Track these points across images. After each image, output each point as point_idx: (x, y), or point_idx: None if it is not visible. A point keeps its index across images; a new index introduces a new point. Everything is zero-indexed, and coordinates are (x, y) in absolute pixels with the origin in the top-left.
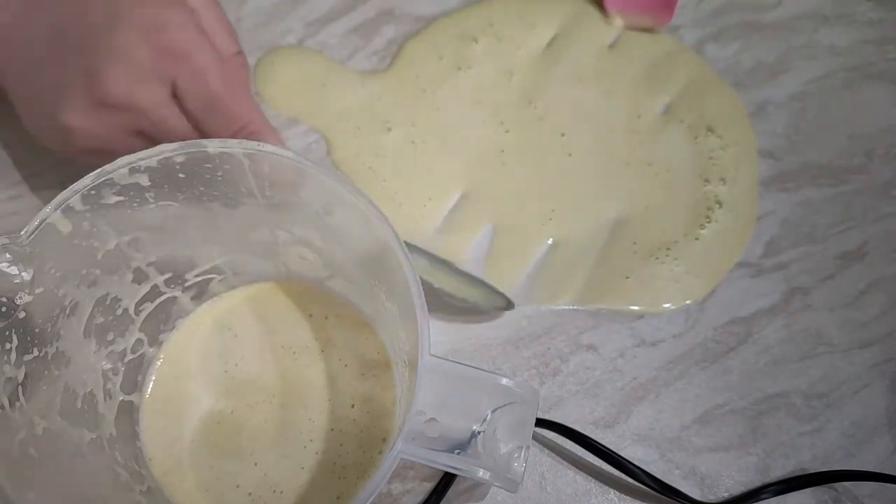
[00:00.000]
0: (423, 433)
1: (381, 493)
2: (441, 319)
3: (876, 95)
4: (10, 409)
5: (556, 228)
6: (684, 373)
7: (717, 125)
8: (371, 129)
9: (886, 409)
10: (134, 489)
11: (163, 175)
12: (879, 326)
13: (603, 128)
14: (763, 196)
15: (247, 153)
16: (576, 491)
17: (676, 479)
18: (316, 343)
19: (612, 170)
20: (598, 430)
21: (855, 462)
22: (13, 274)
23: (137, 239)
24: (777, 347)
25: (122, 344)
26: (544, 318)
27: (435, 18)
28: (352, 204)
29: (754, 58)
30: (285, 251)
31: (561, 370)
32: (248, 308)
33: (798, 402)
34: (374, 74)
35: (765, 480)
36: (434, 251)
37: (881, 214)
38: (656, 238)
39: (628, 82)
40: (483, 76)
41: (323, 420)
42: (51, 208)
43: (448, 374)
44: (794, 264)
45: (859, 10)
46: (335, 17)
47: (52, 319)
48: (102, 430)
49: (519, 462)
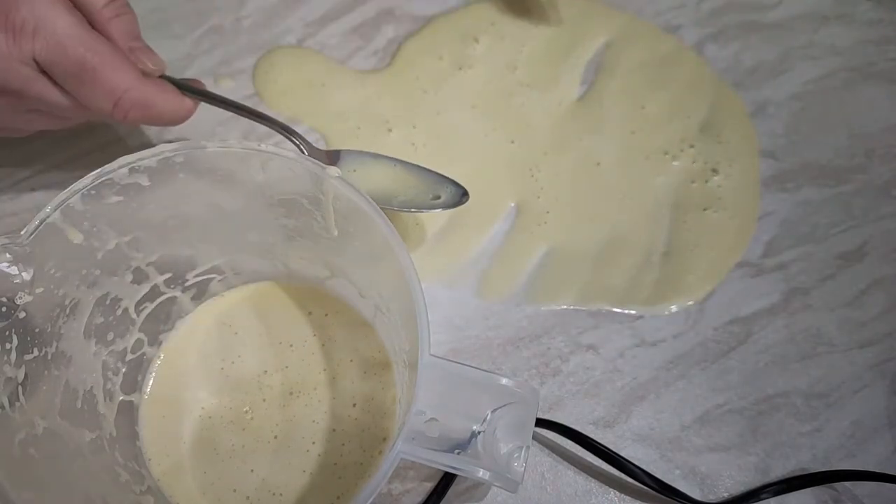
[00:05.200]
0: (424, 433)
1: (381, 493)
2: (441, 319)
3: (876, 95)
4: (10, 409)
5: (554, 230)
6: (684, 373)
7: (718, 125)
8: (371, 129)
9: (886, 409)
10: (134, 489)
11: (163, 175)
12: (879, 326)
13: (602, 127)
14: (763, 196)
15: (247, 153)
16: (576, 491)
17: (676, 479)
18: (316, 340)
19: (612, 169)
20: (598, 430)
21: (855, 462)
22: (13, 274)
23: (137, 239)
24: (777, 347)
25: (122, 344)
26: (544, 318)
27: (435, 17)
28: (352, 204)
29: (754, 58)
30: (285, 251)
31: (561, 370)
32: (249, 306)
33: (798, 402)
34: (374, 74)
35: (765, 480)
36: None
37: (881, 214)
38: (656, 238)
39: (629, 80)
40: (485, 76)
41: (325, 421)
42: (51, 208)
43: (448, 374)
44: (794, 264)
45: (859, 10)
46: (335, 17)
47: (52, 319)
48: (102, 430)
49: (519, 462)
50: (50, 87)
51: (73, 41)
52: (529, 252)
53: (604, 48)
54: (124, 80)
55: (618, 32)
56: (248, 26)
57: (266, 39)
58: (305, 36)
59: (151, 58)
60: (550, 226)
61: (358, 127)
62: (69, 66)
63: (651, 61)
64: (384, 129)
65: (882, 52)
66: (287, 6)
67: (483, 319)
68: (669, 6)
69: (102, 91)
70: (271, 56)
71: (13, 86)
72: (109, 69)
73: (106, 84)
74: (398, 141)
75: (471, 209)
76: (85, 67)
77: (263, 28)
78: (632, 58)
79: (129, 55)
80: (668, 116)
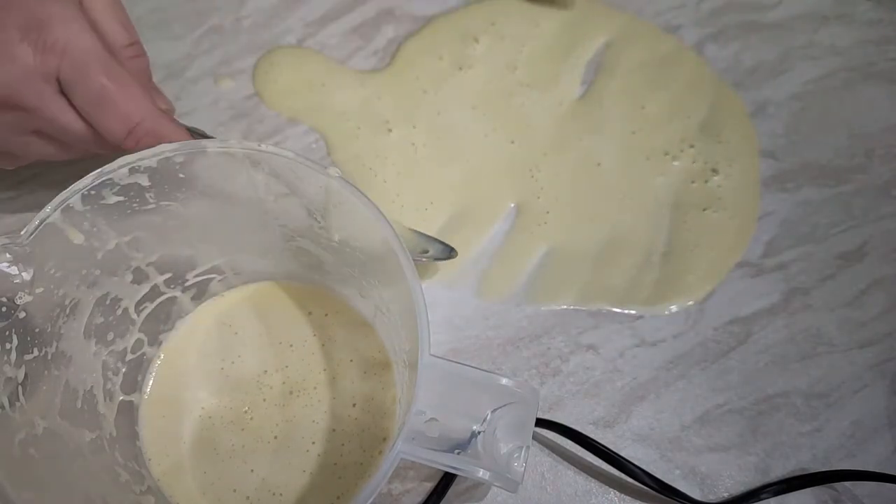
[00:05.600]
0: (424, 433)
1: (381, 493)
2: (441, 319)
3: (876, 95)
4: (10, 409)
5: (554, 230)
6: (684, 373)
7: (718, 125)
8: (371, 129)
9: (886, 409)
10: (134, 489)
11: (163, 175)
12: (879, 326)
13: (602, 127)
14: (763, 196)
15: (247, 153)
16: (576, 491)
17: (676, 479)
18: (316, 340)
19: (613, 169)
20: (598, 430)
21: (855, 462)
22: (13, 274)
23: (137, 239)
24: (777, 347)
25: (123, 344)
26: (544, 318)
27: (435, 17)
28: (352, 204)
29: (754, 58)
30: (285, 251)
31: (561, 370)
32: (249, 306)
33: (798, 402)
34: (374, 74)
35: (765, 480)
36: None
37: (881, 214)
38: (656, 238)
39: (629, 80)
40: (485, 76)
41: (325, 421)
42: (51, 208)
43: (448, 374)
44: (794, 264)
45: (859, 10)
46: (335, 17)
47: (52, 319)
48: (102, 430)
49: (519, 462)
50: (66, 108)
51: (98, 66)
52: (529, 252)
53: (604, 48)
54: (141, 109)
55: (618, 32)
56: (248, 26)
57: (266, 39)
58: (305, 36)
59: (163, 100)
60: (550, 226)
61: (358, 127)
62: (91, 88)
63: (651, 61)
64: (384, 129)
65: (882, 52)
66: (287, 6)
67: (483, 319)
68: (669, 6)
69: (118, 117)
70: (271, 56)
71: (29, 101)
72: (128, 97)
73: (123, 110)
74: (398, 141)
75: (471, 209)
76: (106, 92)
77: (263, 28)
78: (632, 58)
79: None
80: (668, 116)
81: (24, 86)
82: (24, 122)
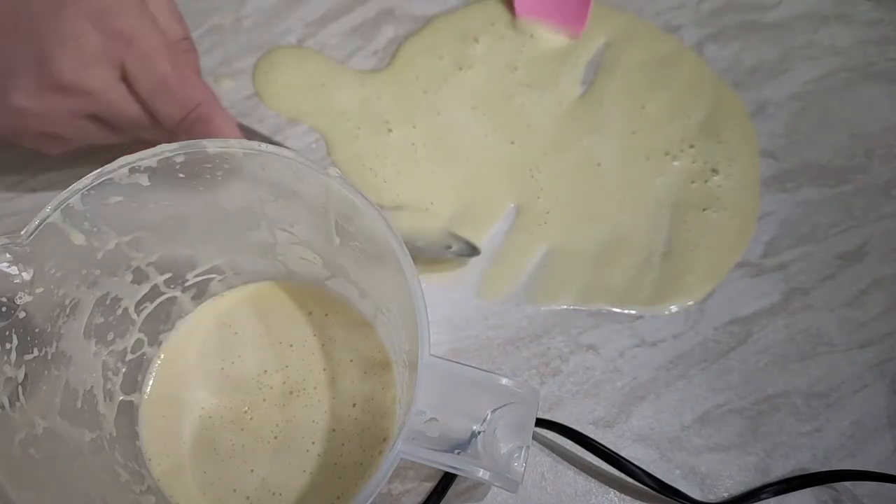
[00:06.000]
0: (424, 433)
1: (381, 493)
2: (441, 319)
3: (876, 95)
4: (10, 409)
5: (554, 230)
6: (684, 373)
7: (718, 125)
8: (371, 129)
9: (886, 409)
10: (134, 489)
11: (163, 175)
12: (879, 326)
13: (603, 127)
14: (763, 196)
15: (247, 153)
16: (576, 491)
17: (676, 478)
18: (316, 340)
19: (613, 170)
20: (598, 430)
21: (855, 462)
22: (13, 274)
23: (137, 239)
24: (777, 347)
25: (122, 344)
26: (544, 318)
27: (435, 17)
28: (352, 204)
29: (754, 58)
30: (285, 251)
31: (561, 370)
32: (249, 306)
33: (798, 402)
34: (374, 74)
35: (765, 480)
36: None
37: (881, 214)
38: (656, 238)
39: (629, 80)
40: (485, 76)
41: (325, 421)
42: (51, 208)
43: (448, 374)
44: (794, 264)
45: (859, 10)
46: (335, 17)
47: (52, 319)
48: (102, 430)
49: (519, 462)
50: (126, 95)
51: (162, 55)
52: (529, 252)
53: (604, 48)
54: (198, 95)
55: (618, 32)
56: (248, 26)
57: (266, 39)
58: (305, 36)
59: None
60: (550, 226)
61: (358, 127)
62: (155, 76)
63: (651, 61)
64: (384, 129)
65: (882, 52)
66: (287, 6)
67: (483, 319)
68: (669, 6)
69: (177, 102)
70: (271, 56)
71: (92, 85)
72: (188, 84)
73: (181, 96)
74: (398, 141)
75: (471, 209)
76: (168, 79)
77: (263, 28)
78: (632, 58)
79: None
80: (668, 116)
81: (92, 71)
82: (85, 105)
